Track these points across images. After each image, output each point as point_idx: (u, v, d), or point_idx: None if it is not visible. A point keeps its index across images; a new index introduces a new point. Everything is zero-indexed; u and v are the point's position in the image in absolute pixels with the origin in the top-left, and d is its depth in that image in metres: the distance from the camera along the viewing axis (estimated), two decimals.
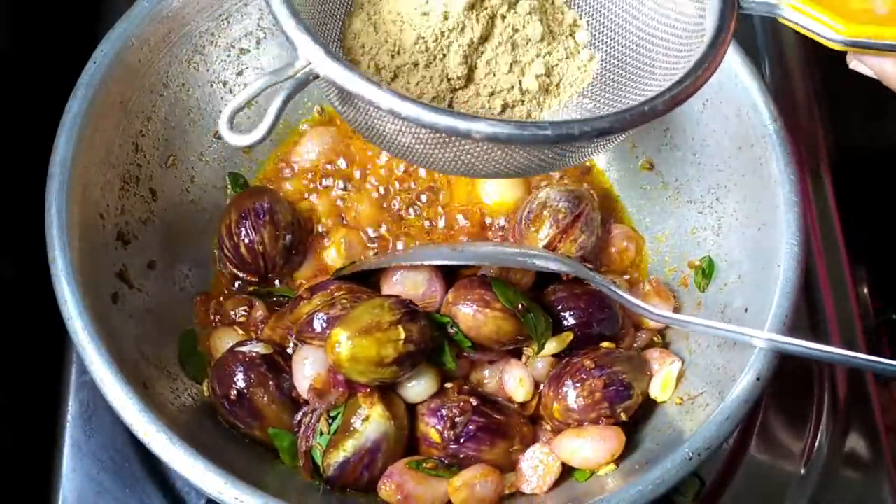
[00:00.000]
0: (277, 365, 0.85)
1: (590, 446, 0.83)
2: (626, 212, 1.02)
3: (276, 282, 0.96)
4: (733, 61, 0.91)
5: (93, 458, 0.92)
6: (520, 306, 0.84)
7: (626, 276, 0.97)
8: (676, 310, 0.94)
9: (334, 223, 0.98)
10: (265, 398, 0.84)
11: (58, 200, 0.81)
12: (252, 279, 0.94)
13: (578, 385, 0.84)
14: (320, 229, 0.98)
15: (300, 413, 0.84)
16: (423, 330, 0.80)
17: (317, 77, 0.63)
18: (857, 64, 0.66)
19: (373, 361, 0.78)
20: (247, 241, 0.91)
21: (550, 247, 0.92)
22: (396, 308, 0.80)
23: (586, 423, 0.85)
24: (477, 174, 0.74)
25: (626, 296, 0.87)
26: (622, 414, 0.85)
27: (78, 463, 0.91)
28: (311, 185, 1.00)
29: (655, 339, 0.94)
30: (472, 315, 0.84)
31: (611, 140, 0.74)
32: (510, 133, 0.62)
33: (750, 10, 0.68)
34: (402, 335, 0.78)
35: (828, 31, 0.64)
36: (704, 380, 0.86)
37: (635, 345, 0.92)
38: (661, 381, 0.88)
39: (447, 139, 0.65)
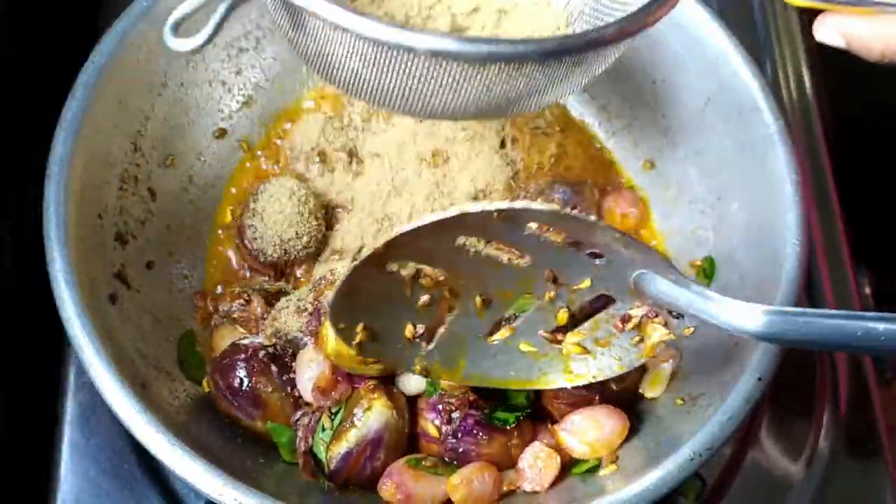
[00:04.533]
0: (279, 357, 0.86)
1: (593, 427, 0.84)
2: None
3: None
4: (734, 61, 0.91)
5: (91, 459, 0.91)
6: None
7: None
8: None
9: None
10: (268, 387, 0.84)
11: (56, 200, 0.81)
12: (268, 274, 0.94)
13: None
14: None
15: (300, 412, 0.85)
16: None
17: None
18: (822, 32, 0.66)
19: (355, 359, 0.80)
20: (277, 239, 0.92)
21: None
22: None
23: (579, 404, 0.85)
24: (428, 111, 0.69)
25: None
26: (614, 386, 0.85)
27: (76, 464, 0.91)
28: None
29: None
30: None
31: (566, 73, 0.68)
32: (458, 48, 0.59)
33: None
34: None
35: None
36: (706, 380, 0.86)
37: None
38: (651, 378, 0.88)
39: (395, 59, 0.62)
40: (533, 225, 0.72)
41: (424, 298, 0.76)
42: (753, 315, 0.68)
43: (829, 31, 0.66)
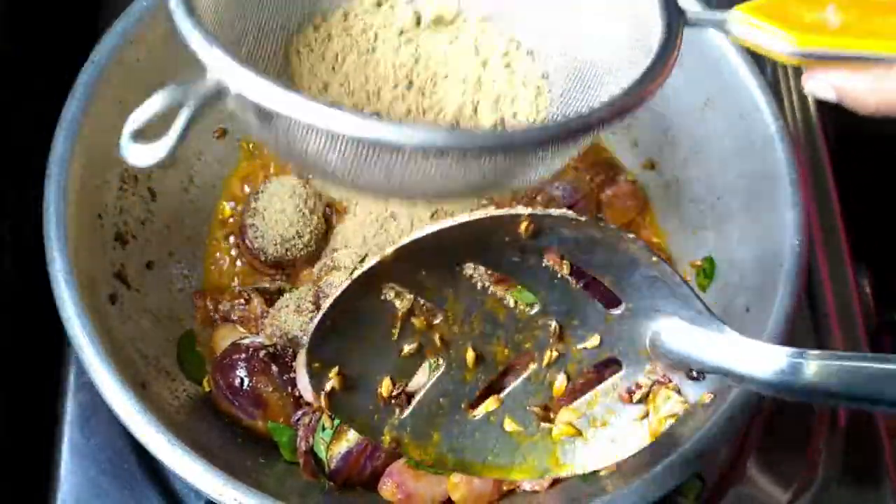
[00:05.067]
0: (279, 356, 0.86)
1: None
2: None
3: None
4: (734, 61, 0.90)
5: (91, 459, 0.91)
6: None
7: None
8: None
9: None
10: (268, 386, 0.85)
11: (56, 200, 0.81)
12: (269, 273, 0.95)
13: None
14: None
15: (300, 412, 0.85)
16: None
17: (227, 93, 0.56)
18: (812, 85, 0.65)
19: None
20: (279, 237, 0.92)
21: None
22: None
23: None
24: (413, 194, 0.67)
25: None
26: None
27: (76, 464, 0.91)
28: None
29: None
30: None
31: (554, 155, 0.64)
32: (446, 141, 0.55)
33: (698, 24, 0.65)
34: None
35: (780, 43, 0.63)
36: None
37: None
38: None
39: (376, 153, 0.57)
40: (549, 263, 0.68)
41: (411, 347, 0.71)
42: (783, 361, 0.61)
43: (819, 84, 0.64)
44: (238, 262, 0.97)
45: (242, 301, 0.92)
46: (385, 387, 0.72)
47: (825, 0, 0.63)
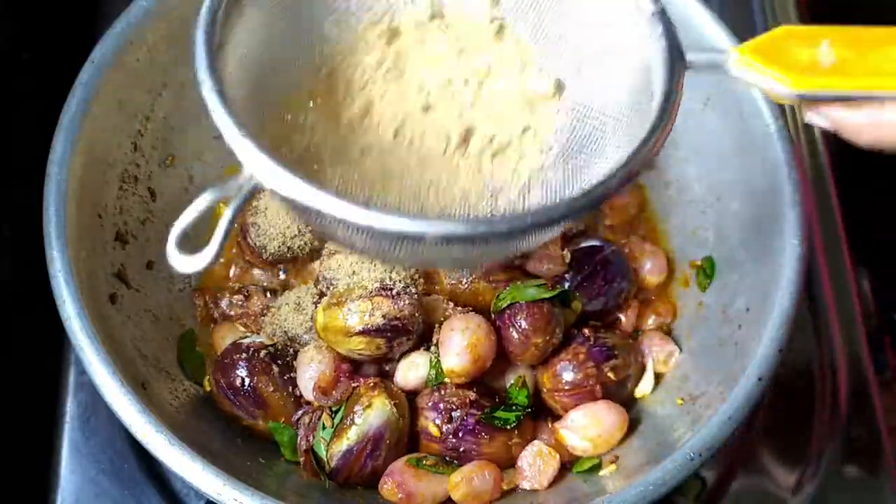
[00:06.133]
0: (280, 356, 0.86)
1: (594, 423, 0.84)
2: None
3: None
4: None
5: (91, 459, 0.91)
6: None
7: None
8: (676, 310, 0.95)
9: None
10: (269, 386, 0.85)
11: (56, 200, 0.81)
12: (270, 270, 0.95)
13: (562, 351, 0.87)
14: None
15: (301, 411, 0.85)
16: (400, 308, 0.83)
17: (263, 189, 0.60)
18: (811, 117, 0.67)
19: (340, 331, 0.83)
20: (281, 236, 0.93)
21: None
22: (377, 287, 0.84)
23: (579, 395, 0.86)
24: (435, 266, 0.74)
25: None
26: (610, 374, 0.86)
27: (76, 464, 0.91)
28: None
29: (661, 325, 0.95)
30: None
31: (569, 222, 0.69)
32: (465, 232, 0.59)
33: (696, 68, 0.66)
34: (370, 307, 0.82)
35: (777, 86, 0.65)
36: (706, 380, 0.86)
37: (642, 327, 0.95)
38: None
39: (401, 242, 0.62)
40: None
41: None
42: None
43: (818, 117, 0.67)
44: (238, 262, 0.97)
45: (242, 298, 0.92)
46: None
47: (819, 37, 0.65)
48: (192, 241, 0.62)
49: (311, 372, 0.84)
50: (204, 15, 0.65)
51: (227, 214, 0.60)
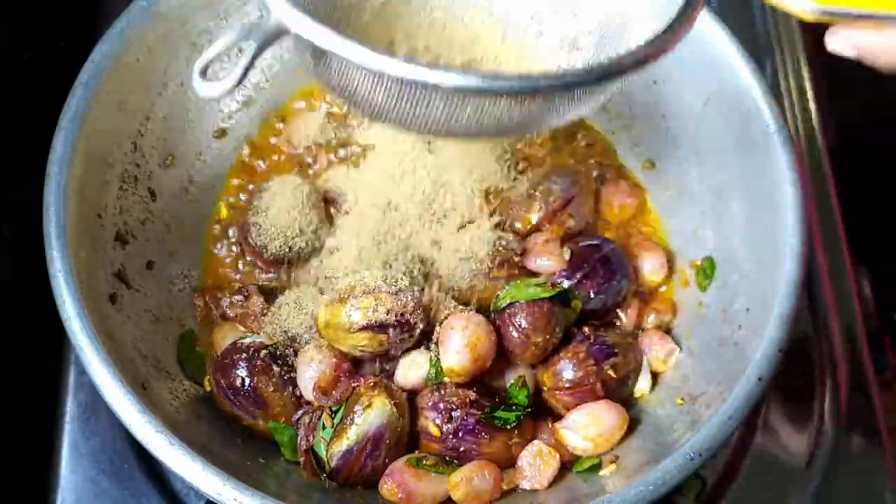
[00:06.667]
0: (280, 356, 0.86)
1: (594, 422, 0.84)
2: None
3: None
4: (735, 61, 0.90)
5: (91, 459, 0.91)
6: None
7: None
8: (676, 309, 0.95)
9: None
10: (269, 386, 0.85)
11: (56, 200, 0.81)
12: (271, 270, 0.95)
13: (562, 350, 0.87)
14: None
15: (301, 411, 0.85)
16: (403, 305, 0.83)
17: (287, 32, 0.62)
18: (833, 41, 0.66)
19: (343, 327, 0.83)
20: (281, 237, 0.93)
21: (540, 227, 0.95)
22: (379, 283, 0.84)
23: (579, 393, 0.86)
24: (453, 133, 0.72)
25: None
26: (610, 371, 0.86)
27: (76, 464, 0.91)
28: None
29: (661, 324, 0.95)
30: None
31: (581, 100, 0.71)
32: (479, 85, 0.61)
33: None
34: (373, 302, 0.82)
35: (801, 1, 0.64)
36: (706, 380, 0.86)
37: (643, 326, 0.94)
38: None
39: (418, 94, 0.64)
40: None
41: None
42: None
43: (840, 42, 0.66)
44: (238, 261, 0.97)
45: (242, 297, 0.92)
46: None
47: None
48: None
49: (311, 372, 0.84)
50: None
51: (250, 48, 0.62)
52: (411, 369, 0.86)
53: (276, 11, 0.62)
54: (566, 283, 0.90)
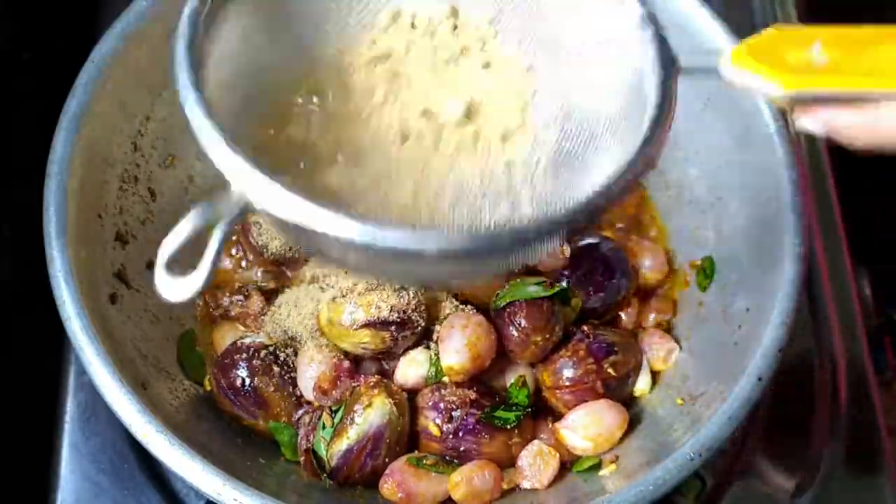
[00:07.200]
0: (280, 356, 0.86)
1: (594, 421, 0.84)
2: None
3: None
4: None
5: (91, 459, 0.91)
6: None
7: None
8: (676, 308, 0.95)
9: None
10: (269, 386, 0.85)
11: (56, 200, 0.81)
12: (271, 269, 0.95)
13: (562, 348, 0.87)
14: None
15: (301, 411, 0.85)
16: (405, 301, 0.83)
17: (252, 207, 0.56)
18: (803, 121, 0.66)
19: (345, 324, 0.83)
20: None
21: None
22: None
23: (580, 392, 0.86)
24: (431, 284, 0.73)
25: None
26: (610, 370, 0.86)
27: (76, 464, 0.91)
28: None
29: (661, 323, 0.95)
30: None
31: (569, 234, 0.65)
32: (466, 247, 0.56)
33: (690, 73, 0.65)
34: (376, 299, 0.82)
35: (769, 87, 0.63)
36: (706, 380, 0.86)
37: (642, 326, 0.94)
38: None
39: (391, 256, 0.58)
40: None
41: None
42: None
43: (812, 122, 0.64)
44: (238, 262, 0.97)
45: (242, 297, 0.92)
46: None
47: (812, 37, 0.64)
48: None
49: (311, 371, 0.84)
50: (185, 25, 0.61)
51: (216, 236, 0.56)
52: (411, 367, 0.86)
53: (238, 184, 0.56)
54: (566, 282, 0.90)
